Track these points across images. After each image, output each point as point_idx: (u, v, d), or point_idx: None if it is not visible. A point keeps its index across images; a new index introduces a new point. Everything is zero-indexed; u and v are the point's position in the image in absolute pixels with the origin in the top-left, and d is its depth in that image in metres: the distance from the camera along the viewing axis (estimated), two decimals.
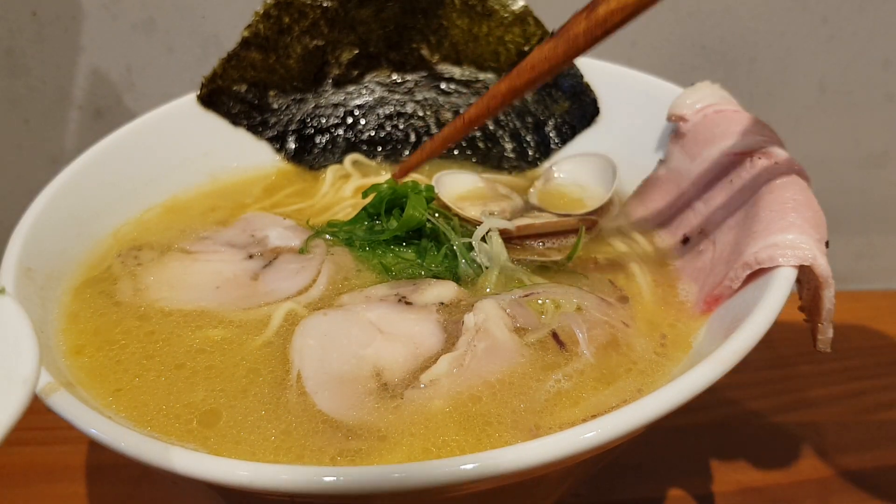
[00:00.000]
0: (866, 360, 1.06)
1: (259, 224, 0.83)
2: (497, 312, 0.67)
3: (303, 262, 0.77)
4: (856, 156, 1.30)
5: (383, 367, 0.64)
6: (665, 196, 0.82)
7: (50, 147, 1.25)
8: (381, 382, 0.63)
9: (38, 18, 1.16)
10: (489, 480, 0.47)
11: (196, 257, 0.78)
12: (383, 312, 0.69)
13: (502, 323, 0.67)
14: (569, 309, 0.69)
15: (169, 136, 0.92)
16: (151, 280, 0.75)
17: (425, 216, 0.76)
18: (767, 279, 0.60)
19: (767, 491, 0.87)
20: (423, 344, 0.67)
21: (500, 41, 0.96)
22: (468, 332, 0.66)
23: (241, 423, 0.60)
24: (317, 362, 0.64)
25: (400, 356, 0.65)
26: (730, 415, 0.97)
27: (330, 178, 0.95)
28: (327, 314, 0.69)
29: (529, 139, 0.98)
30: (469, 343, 0.65)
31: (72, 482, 0.89)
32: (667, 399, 0.50)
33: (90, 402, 0.59)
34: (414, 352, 0.66)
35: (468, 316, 0.67)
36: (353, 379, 0.63)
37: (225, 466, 0.48)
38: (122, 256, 0.79)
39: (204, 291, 0.74)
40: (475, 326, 0.66)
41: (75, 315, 0.72)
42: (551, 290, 0.71)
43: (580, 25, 0.61)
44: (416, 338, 0.67)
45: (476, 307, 0.68)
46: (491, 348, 0.65)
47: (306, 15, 0.94)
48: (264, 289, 0.74)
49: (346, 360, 0.64)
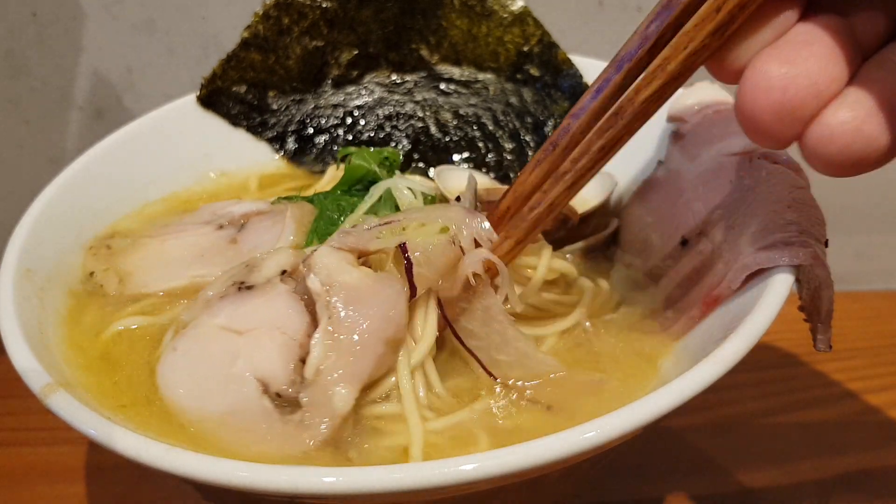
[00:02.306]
0: (866, 360, 1.06)
1: (219, 206, 0.81)
2: (333, 257, 0.58)
3: (274, 217, 0.74)
4: None
5: (264, 376, 0.56)
6: (664, 197, 0.82)
7: (50, 147, 1.25)
8: (273, 394, 0.56)
9: (39, 19, 1.16)
10: (489, 480, 0.47)
11: (165, 238, 0.75)
12: (229, 310, 0.60)
13: (345, 263, 0.58)
14: (433, 231, 0.60)
15: (169, 137, 0.92)
16: (132, 266, 0.73)
17: (372, 168, 0.74)
18: (767, 279, 0.60)
19: (767, 491, 0.87)
20: (288, 325, 0.58)
21: (499, 42, 0.96)
22: (319, 298, 0.57)
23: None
24: (201, 411, 0.56)
25: (273, 354, 0.57)
26: (730, 415, 0.96)
27: (329, 176, 0.95)
28: (176, 347, 0.60)
29: (529, 139, 0.98)
30: (325, 308, 0.56)
31: (72, 483, 0.88)
32: (667, 399, 0.50)
33: (90, 402, 0.59)
34: (285, 340, 0.57)
35: (310, 279, 0.58)
36: (242, 408, 0.55)
37: (225, 467, 0.48)
38: (94, 248, 0.76)
39: (191, 262, 0.71)
40: (322, 286, 0.57)
41: (75, 315, 0.72)
42: (413, 214, 0.63)
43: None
44: (276, 322, 0.58)
45: (311, 265, 0.59)
46: (351, 298, 0.56)
47: (306, 16, 0.95)
48: (246, 247, 0.72)
49: (224, 389, 0.56)
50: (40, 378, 0.56)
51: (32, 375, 0.57)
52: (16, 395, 0.63)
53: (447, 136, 1.00)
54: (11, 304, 0.64)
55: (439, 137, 1.00)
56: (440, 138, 1.00)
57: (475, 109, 0.99)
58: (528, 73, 0.97)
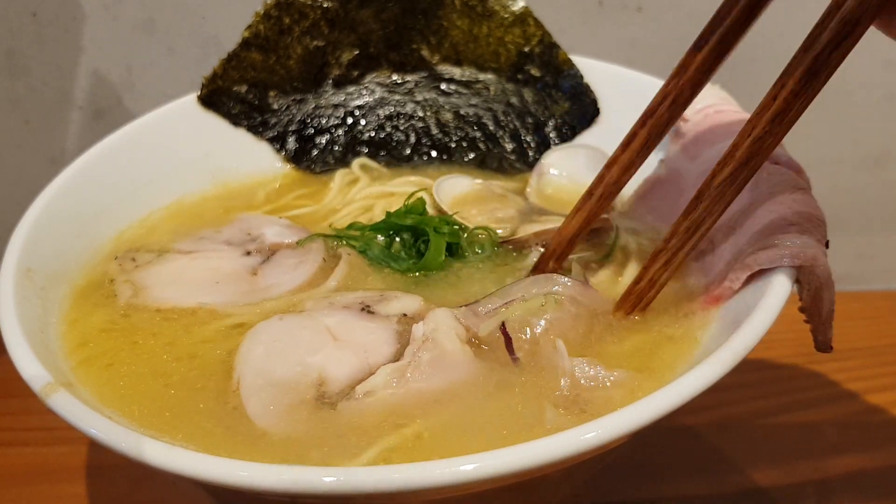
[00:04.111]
0: (866, 360, 1.06)
1: (255, 223, 0.83)
2: (449, 322, 0.63)
3: (301, 257, 0.76)
4: (855, 156, 1.30)
5: (327, 376, 0.61)
6: (665, 196, 0.82)
7: (50, 147, 1.25)
8: (321, 391, 0.60)
9: (39, 19, 1.16)
10: (489, 481, 0.47)
11: (194, 256, 0.78)
12: (342, 319, 0.65)
13: (454, 333, 0.62)
14: (535, 305, 0.64)
15: (169, 137, 0.92)
16: (150, 281, 0.75)
17: (442, 263, 0.76)
18: (767, 280, 0.60)
19: (767, 491, 0.87)
20: (374, 353, 0.63)
21: (500, 42, 0.96)
22: (414, 342, 0.62)
23: (186, 421, 0.59)
24: (257, 368, 0.61)
25: (347, 364, 0.61)
26: (730, 415, 0.96)
27: (338, 182, 0.95)
28: (283, 318, 0.66)
29: (530, 140, 0.98)
30: (413, 353, 0.61)
31: (72, 482, 0.88)
32: (667, 399, 0.50)
33: (90, 402, 0.59)
34: (363, 361, 0.62)
35: (416, 325, 0.63)
36: (291, 387, 0.60)
37: (225, 467, 0.48)
38: (120, 259, 0.78)
39: (203, 288, 0.73)
40: (423, 336, 0.62)
41: (76, 316, 0.72)
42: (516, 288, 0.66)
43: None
44: (368, 346, 0.63)
45: (427, 317, 0.64)
46: (437, 360, 0.60)
47: (306, 15, 0.95)
48: (264, 283, 0.74)
49: (290, 367, 0.61)
50: (40, 378, 0.56)
51: (33, 375, 0.57)
52: (16, 394, 0.63)
53: (448, 136, 1.00)
54: (12, 304, 0.64)
55: (440, 138, 1.00)
56: (441, 138, 1.00)
57: (476, 110, 0.99)
58: (529, 73, 0.97)
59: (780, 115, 0.56)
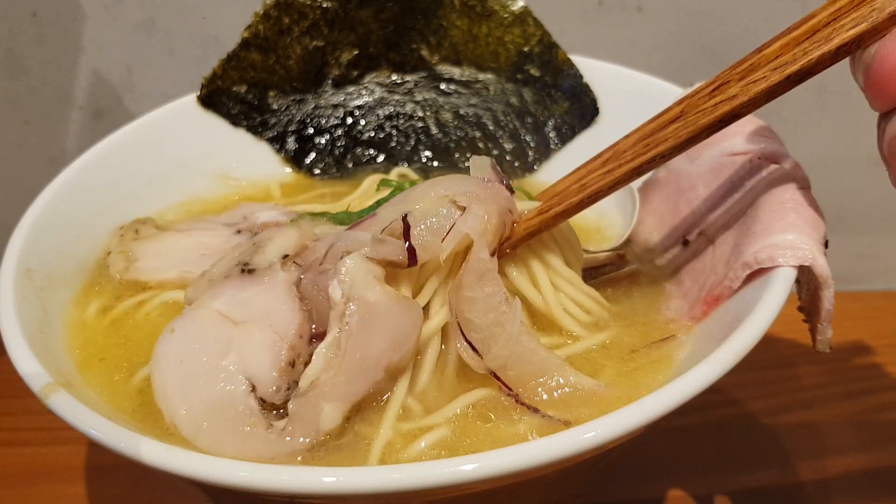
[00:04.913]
0: (866, 360, 1.06)
1: (256, 208, 0.84)
2: (363, 268, 0.56)
3: (274, 232, 0.75)
4: (856, 156, 1.29)
5: (252, 375, 0.55)
6: (665, 197, 0.82)
7: (50, 147, 1.25)
8: (259, 397, 0.54)
9: (39, 19, 1.16)
10: (489, 480, 0.47)
11: (189, 233, 0.80)
12: (229, 295, 0.59)
13: (371, 278, 0.55)
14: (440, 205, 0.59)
15: (169, 137, 0.92)
16: (141, 253, 0.77)
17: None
18: (767, 279, 0.60)
19: (767, 491, 0.87)
20: (280, 323, 0.56)
21: (499, 42, 0.96)
22: (336, 307, 0.55)
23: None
24: (184, 399, 0.55)
25: (263, 352, 0.56)
26: (730, 415, 0.96)
27: (365, 186, 0.92)
28: (174, 329, 0.58)
29: (529, 140, 0.98)
30: (340, 319, 0.55)
31: (72, 482, 0.88)
32: (667, 399, 0.50)
33: (90, 402, 0.59)
34: (274, 340, 0.56)
35: (332, 286, 0.56)
36: (227, 406, 0.54)
37: (224, 467, 0.48)
38: (124, 229, 0.81)
39: (188, 260, 0.75)
40: (342, 298, 0.55)
41: (75, 316, 0.72)
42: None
43: None
44: (269, 318, 0.57)
45: (340, 270, 0.56)
46: (366, 318, 0.55)
47: (306, 16, 0.95)
48: None
49: (212, 382, 0.55)
50: (40, 378, 0.56)
51: (32, 375, 0.57)
52: (16, 394, 0.64)
53: (447, 136, 1.00)
54: (11, 304, 0.64)
55: (440, 137, 1.00)
56: (440, 138, 1.00)
57: (475, 109, 0.99)
58: (529, 73, 0.97)
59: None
